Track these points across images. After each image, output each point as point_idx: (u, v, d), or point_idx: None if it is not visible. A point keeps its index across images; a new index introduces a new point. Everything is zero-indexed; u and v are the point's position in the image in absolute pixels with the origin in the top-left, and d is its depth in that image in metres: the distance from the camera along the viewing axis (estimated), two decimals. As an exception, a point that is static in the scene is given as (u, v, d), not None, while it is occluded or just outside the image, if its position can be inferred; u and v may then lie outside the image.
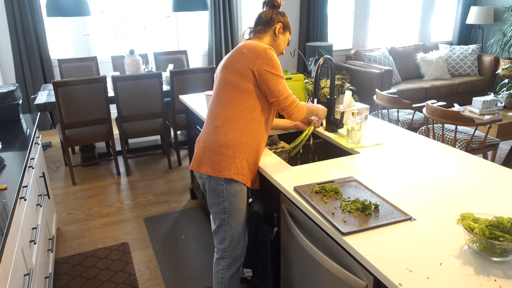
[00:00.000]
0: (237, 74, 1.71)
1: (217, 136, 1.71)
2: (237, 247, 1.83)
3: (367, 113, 2.40)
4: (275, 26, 1.81)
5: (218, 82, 1.79)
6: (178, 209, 3.26)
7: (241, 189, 1.75)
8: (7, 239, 1.40)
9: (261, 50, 1.69)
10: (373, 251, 1.16)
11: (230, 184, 1.72)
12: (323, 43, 5.56)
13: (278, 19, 1.82)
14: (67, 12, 3.60)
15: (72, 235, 2.94)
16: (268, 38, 1.82)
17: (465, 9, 6.69)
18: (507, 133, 3.77)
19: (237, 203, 1.75)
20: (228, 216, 1.76)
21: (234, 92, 1.72)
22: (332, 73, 2.10)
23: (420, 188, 1.54)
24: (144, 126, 3.85)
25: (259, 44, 1.71)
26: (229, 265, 1.84)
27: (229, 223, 1.78)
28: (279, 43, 1.85)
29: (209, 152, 1.72)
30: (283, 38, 1.85)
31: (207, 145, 1.73)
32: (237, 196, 1.74)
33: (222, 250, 1.83)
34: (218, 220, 1.79)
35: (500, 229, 1.12)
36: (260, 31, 1.82)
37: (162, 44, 5.64)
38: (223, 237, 1.81)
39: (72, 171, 3.70)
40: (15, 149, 2.15)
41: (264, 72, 1.67)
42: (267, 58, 1.67)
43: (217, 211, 1.78)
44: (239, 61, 1.71)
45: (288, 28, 1.87)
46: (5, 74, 5.00)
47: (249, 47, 1.71)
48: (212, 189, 1.75)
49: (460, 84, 5.92)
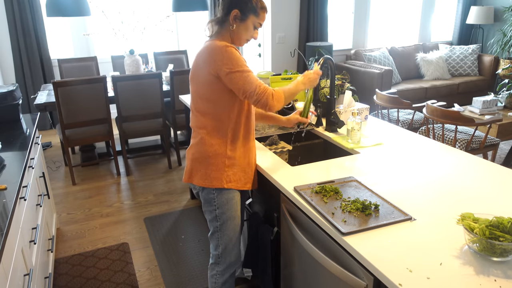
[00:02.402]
0: (204, 85, 1.63)
1: (204, 147, 1.68)
2: (231, 254, 1.82)
3: (367, 113, 2.40)
4: (230, 13, 1.61)
5: (191, 94, 1.73)
6: (178, 209, 3.26)
7: (232, 196, 1.73)
8: (7, 239, 1.40)
9: (216, 51, 1.56)
10: (373, 251, 1.16)
11: (222, 193, 1.71)
12: (323, 43, 5.56)
13: (236, 2, 1.60)
14: (67, 12, 3.60)
15: (72, 235, 2.94)
16: (226, 31, 1.65)
17: (465, 9, 6.69)
18: (507, 133, 3.77)
19: (229, 211, 1.74)
20: (220, 224, 1.76)
21: (209, 103, 1.65)
22: (332, 73, 2.10)
23: (420, 188, 1.54)
24: (144, 126, 3.85)
25: (214, 43, 1.59)
26: (222, 271, 1.83)
27: (221, 231, 1.77)
28: (239, 32, 1.64)
29: (199, 163, 1.70)
30: (242, 25, 1.63)
31: (196, 157, 1.71)
32: (229, 204, 1.73)
33: (216, 256, 1.82)
34: (212, 228, 1.79)
35: (500, 229, 1.12)
36: (218, 24, 1.66)
37: (162, 44, 5.64)
38: (217, 243, 1.80)
39: (72, 171, 3.70)
40: (15, 149, 2.15)
41: (225, 73, 1.56)
42: (224, 58, 1.55)
43: (210, 219, 1.77)
44: (201, 69, 1.62)
45: (252, 11, 1.62)
46: (5, 74, 5.00)
47: (206, 51, 1.60)
48: (204, 198, 1.75)
49: (460, 84, 5.92)
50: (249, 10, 1.61)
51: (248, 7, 1.61)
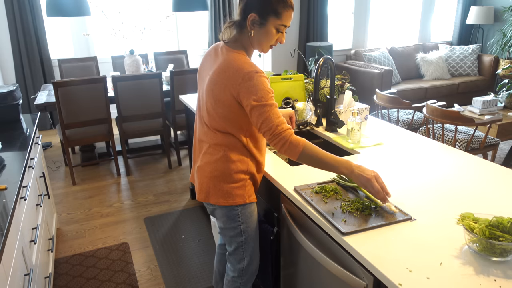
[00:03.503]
0: (225, 104, 1.48)
1: (227, 164, 1.56)
2: (253, 263, 1.77)
3: (367, 113, 2.40)
4: (247, 18, 1.45)
5: (203, 105, 1.59)
6: (178, 209, 3.26)
7: (254, 208, 1.69)
8: (7, 239, 1.40)
9: (245, 76, 1.41)
10: (373, 251, 1.16)
11: (245, 208, 1.64)
12: (323, 43, 5.56)
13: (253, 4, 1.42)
14: (67, 12, 3.60)
15: (72, 235, 2.94)
16: (245, 36, 1.50)
17: (465, 9, 6.69)
18: (507, 133, 3.77)
19: (253, 223, 1.69)
20: (245, 237, 1.69)
21: (226, 121, 1.53)
22: (332, 73, 2.10)
23: (420, 188, 1.54)
24: (144, 126, 3.85)
25: (239, 64, 1.43)
26: (245, 282, 1.78)
27: (247, 243, 1.71)
28: (259, 39, 1.47)
29: (219, 181, 1.58)
30: (262, 30, 1.45)
31: (216, 175, 1.58)
32: (252, 217, 1.68)
33: (240, 270, 1.75)
34: (235, 244, 1.70)
35: (500, 229, 1.12)
36: (236, 29, 1.50)
37: (162, 44, 5.64)
38: (241, 257, 1.73)
39: (72, 171, 3.70)
40: (15, 149, 2.15)
41: (251, 105, 1.41)
42: (252, 87, 1.40)
43: (233, 235, 1.68)
44: (220, 88, 1.47)
45: (271, 12, 1.42)
46: (5, 74, 5.00)
47: (229, 70, 1.44)
48: (225, 216, 1.64)
49: (460, 84, 5.92)
50: (268, 12, 1.41)
51: (267, 9, 1.41)
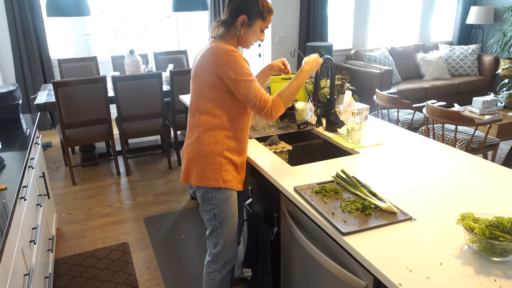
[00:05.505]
0: (207, 84, 1.64)
1: (201, 146, 1.68)
2: (229, 251, 1.84)
3: (367, 113, 2.40)
4: (237, 19, 1.63)
5: (192, 93, 1.74)
6: (178, 209, 3.26)
7: (230, 195, 1.75)
8: (7, 239, 1.40)
9: (223, 54, 1.58)
10: (373, 251, 1.16)
11: (219, 192, 1.72)
12: (323, 43, 5.56)
13: (243, 7, 1.61)
14: (67, 12, 3.60)
15: (72, 235, 2.94)
16: (232, 33, 1.66)
17: (465, 9, 6.69)
18: (507, 133, 3.77)
19: (228, 209, 1.76)
20: (219, 222, 1.77)
21: (208, 102, 1.66)
22: (332, 73, 2.10)
23: (420, 188, 1.54)
24: (144, 126, 3.85)
25: (221, 46, 1.60)
26: (220, 268, 1.85)
27: (221, 229, 1.79)
28: (246, 37, 1.67)
29: (195, 162, 1.70)
30: (250, 30, 1.65)
31: (192, 155, 1.71)
32: (227, 203, 1.75)
33: (214, 254, 1.84)
34: (210, 227, 1.80)
35: (500, 229, 1.12)
36: (224, 27, 1.67)
37: (162, 44, 5.64)
38: (215, 242, 1.82)
39: (72, 171, 3.70)
40: (15, 149, 2.15)
41: (231, 79, 1.58)
42: (230, 63, 1.57)
43: (208, 218, 1.79)
44: (205, 70, 1.63)
45: (259, 16, 1.63)
46: (5, 74, 5.00)
47: (212, 52, 1.61)
48: (201, 198, 1.76)
49: (460, 84, 5.92)
50: (256, 14, 1.63)
51: (255, 12, 1.62)
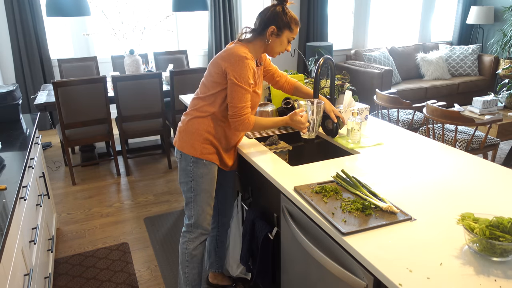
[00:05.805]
0: (215, 70, 1.80)
1: (190, 122, 1.86)
2: (202, 224, 1.97)
3: (367, 113, 2.40)
4: (267, 29, 1.78)
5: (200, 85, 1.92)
6: (178, 209, 3.26)
7: (208, 171, 1.88)
8: (7, 239, 1.40)
9: (236, 58, 1.73)
10: (373, 251, 1.16)
11: (198, 166, 1.86)
12: (323, 43, 5.56)
13: (273, 19, 1.76)
14: (67, 12, 3.60)
15: (72, 235, 2.94)
16: (259, 41, 1.82)
17: (465, 9, 6.69)
18: (507, 133, 3.77)
19: (203, 184, 1.89)
20: (194, 195, 1.91)
21: (204, 86, 1.85)
22: (332, 73, 2.10)
23: (420, 188, 1.54)
24: (144, 126, 3.85)
25: (239, 50, 1.74)
26: (194, 239, 2.00)
27: (195, 201, 1.92)
28: (273, 46, 1.83)
29: (182, 131, 1.89)
30: (278, 40, 1.81)
31: (182, 129, 1.89)
32: (204, 178, 1.88)
33: (189, 225, 1.98)
34: (186, 199, 1.94)
35: (500, 229, 1.12)
36: (253, 34, 1.83)
37: (162, 44, 5.64)
38: (190, 214, 1.96)
39: (72, 171, 3.70)
40: (15, 149, 2.15)
41: (230, 80, 1.74)
42: (237, 67, 1.72)
43: (185, 190, 1.93)
44: (217, 62, 1.80)
45: (287, 27, 1.79)
46: (5, 74, 5.00)
47: (229, 51, 1.76)
48: (182, 169, 1.90)
49: (460, 84, 5.92)
50: (284, 26, 1.78)
51: (284, 24, 1.78)
